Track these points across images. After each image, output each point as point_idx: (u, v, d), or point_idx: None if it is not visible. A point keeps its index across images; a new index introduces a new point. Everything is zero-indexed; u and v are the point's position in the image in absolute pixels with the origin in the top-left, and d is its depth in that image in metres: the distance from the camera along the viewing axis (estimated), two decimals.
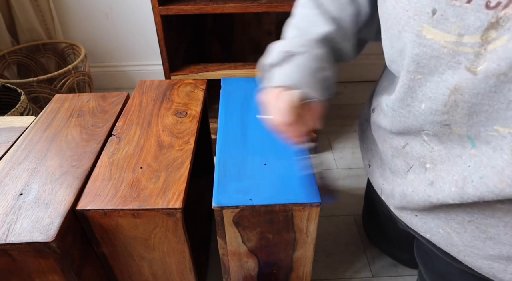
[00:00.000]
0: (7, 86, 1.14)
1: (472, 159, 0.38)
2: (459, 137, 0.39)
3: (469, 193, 0.38)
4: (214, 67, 1.11)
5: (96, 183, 0.59)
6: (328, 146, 1.28)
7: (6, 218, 0.53)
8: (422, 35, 0.37)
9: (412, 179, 0.47)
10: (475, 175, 0.37)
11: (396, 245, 0.86)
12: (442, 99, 0.38)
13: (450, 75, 0.36)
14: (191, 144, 0.67)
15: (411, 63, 0.40)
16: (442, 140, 0.41)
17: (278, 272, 0.68)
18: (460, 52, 0.35)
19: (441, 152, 0.42)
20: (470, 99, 0.35)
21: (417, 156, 0.45)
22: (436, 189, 0.42)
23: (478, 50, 0.34)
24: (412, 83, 0.41)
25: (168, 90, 0.82)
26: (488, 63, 0.33)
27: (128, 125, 0.72)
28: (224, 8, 0.96)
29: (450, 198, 0.40)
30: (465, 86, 0.35)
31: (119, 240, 0.60)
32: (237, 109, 0.76)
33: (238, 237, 0.61)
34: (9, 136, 0.71)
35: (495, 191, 0.35)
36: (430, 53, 0.37)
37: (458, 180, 0.39)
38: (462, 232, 0.43)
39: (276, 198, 0.56)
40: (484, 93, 0.34)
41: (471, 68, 0.34)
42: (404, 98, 0.43)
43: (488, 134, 0.36)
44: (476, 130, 0.37)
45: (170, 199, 0.56)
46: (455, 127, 0.39)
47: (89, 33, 1.50)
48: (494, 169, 0.35)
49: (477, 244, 0.42)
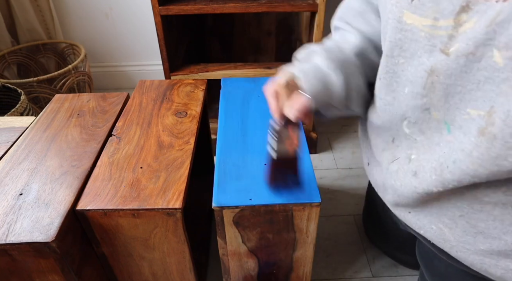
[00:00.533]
0: (7, 86, 1.14)
1: (447, 145, 0.39)
2: (437, 123, 0.40)
3: (448, 178, 0.39)
4: (214, 67, 1.11)
5: (96, 183, 0.59)
6: (328, 146, 1.28)
7: (6, 218, 0.53)
8: (403, 21, 0.39)
9: (395, 170, 0.48)
10: (449, 160, 0.38)
11: (396, 246, 0.86)
12: (421, 82, 0.39)
13: (427, 58, 0.38)
14: (191, 144, 0.67)
15: (394, 48, 0.42)
16: (422, 129, 0.43)
17: (278, 272, 0.68)
18: (436, 35, 0.37)
19: (423, 142, 0.43)
20: (444, 80, 0.37)
21: (405, 148, 0.46)
22: (420, 179, 0.43)
23: (451, 32, 0.35)
24: (396, 68, 0.43)
25: (168, 90, 0.82)
26: (459, 44, 0.35)
27: (128, 125, 0.72)
28: (224, 8, 0.96)
29: (433, 186, 0.41)
30: (440, 68, 0.37)
31: (119, 240, 0.60)
32: (237, 109, 0.76)
33: (238, 237, 0.61)
34: (9, 136, 0.71)
35: (470, 173, 0.36)
36: (410, 37, 0.39)
37: (436, 168, 0.40)
38: (453, 228, 0.44)
39: (276, 198, 0.56)
40: (456, 73, 0.36)
41: (444, 50, 0.36)
42: (389, 83, 0.45)
43: (462, 117, 0.37)
44: (451, 113, 0.38)
45: (170, 199, 0.56)
46: (434, 111, 0.40)
47: (89, 33, 1.50)
48: (464, 152, 0.36)
49: (468, 239, 0.43)
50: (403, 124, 0.45)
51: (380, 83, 0.47)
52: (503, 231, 0.40)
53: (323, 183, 1.13)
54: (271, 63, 1.12)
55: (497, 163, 0.34)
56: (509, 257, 0.41)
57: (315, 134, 1.22)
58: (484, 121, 0.35)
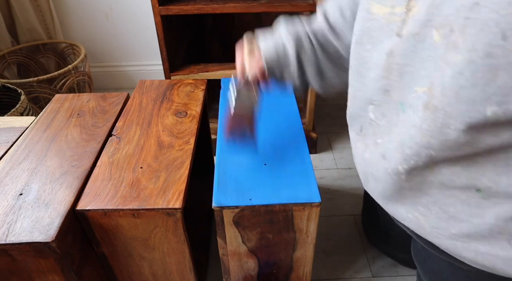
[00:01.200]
0: (7, 86, 1.14)
1: (403, 124, 0.43)
2: (395, 104, 0.44)
3: (408, 154, 0.42)
4: (214, 67, 1.11)
5: (96, 183, 0.59)
6: (328, 146, 1.28)
7: (6, 218, 0.53)
8: (371, 11, 0.45)
9: (369, 158, 0.51)
10: (406, 137, 0.42)
11: (396, 245, 0.86)
12: (382, 64, 0.43)
13: (387, 42, 0.42)
14: (191, 144, 0.67)
15: (364, 35, 0.46)
16: (384, 112, 0.46)
17: (278, 272, 0.68)
18: (392, 21, 0.42)
19: (385, 126, 0.47)
20: (399, 60, 0.41)
21: (372, 135, 0.50)
22: (388, 161, 0.46)
23: (404, 17, 0.40)
24: (364, 53, 0.47)
25: (168, 90, 0.82)
26: (408, 26, 0.39)
27: (128, 125, 0.72)
28: (224, 8, 0.96)
29: (398, 164, 0.44)
30: (395, 49, 0.41)
31: (119, 240, 0.60)
32: None
33: (238, 237, 0.61)
34: (9, 136, 0.71)
35: (424, 145, 0.40)
36: (376, 25, 0.44)
37: (398, 146, 0.43)
38: (427, 214, 0.46)
39: (276, 198, 0.56)
40: (407, 53, 0.40)
41: (399, 33, 0.41)
42: (358, 70, 0.49)
43: (411, 96, 0.41)
44: (405, 93, 0.42)
45: (170, 199, 0.56)
46: (392, 93, 0.44)
47: (89, 33, 1.50)
48: (416, 127, 0.40)
49: (441, 224, 0.46)
50: (369, 109, 0.49)
51: (351, 71, 0.51)
52: (470, 214, 0.42)
53: (323, 183, 1.13)
54: None
55: (443, 132, 0.37)
56: (477, 239, 0.43)
57: (315, 134, 1.22)
58: (426, 96, 0.38)
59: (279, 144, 0.67)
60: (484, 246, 0.43)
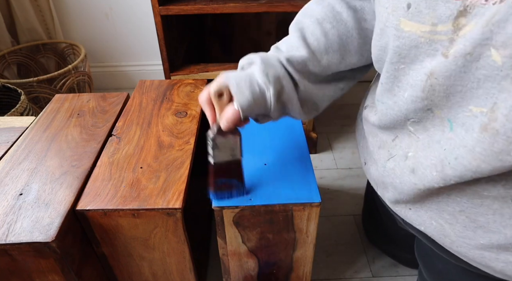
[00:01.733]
0: (7, 86, 1.14)
1: (448, 142, 0.40)
2: (440, 120, 0.41)
3: (449, 174, 0.40)
4: (214, 67, 1.11)
5: (96, 183, 0.59)
6: (328, 146, 1.28)
7: (6, 218, 0.53)
8: (400, 29, 0.41)
9: (392, 168, 0.49)
10: (451, 157, 0.39)
11: (396, 245, 0.86)
12: (420, 85, 0.40)
13: (429, 62, 0.39)
14: (191, 144, 0.67)
15: (393, 55, 0.43)
16: (426, 126, 0.43)
17: (278, 272, 0.68)
18: (436, 40, 0.38)
19: (424, 140, 0.44)
20: (444, 82, 0.38)
21: (404, 146, 0.47)
22: (419, 176, 0.44)
23: (451, 36, 0.37)
24: (397, 73, 0.44)
25: (168, 90, 0.82)
26: (457, 46, 0.36)
27: (128, 125, 0.72)
28: (224, 8, 0.96)
29: (434, 183, 0.42)
30: (438, 70, 0.38)
31: (119, 240, 0.60)
32: None
33: (238, 237, 0.61)
34: (9, 136, 0.71)
35: (472, 169, 0.37)
36: (409, 44, 0.41)
37: (437, 164, 0.41)
38: (454, 223, 0.44)
39: (276, 198, 0.56)
40: (455, 74, 0.37)
41: (445, 53, 0.37)
42: (391, 88, 0.46)
43: (464, 114, 0.38)
44: (454, 111, 0.39)
45: (170, 199, 0.56)
46: (436, 110, 0.41)
47: (89, 33, 1.50)
48: (466, 148, 0.37)
49: (468, 234, 0.43)
50: (407, 123, 0.46)
51: (381, 87, 0.48)
52: (503, 224, 0.40)
53: (323, 183, 1.13)
54: None
55: (500, 158, 0.35)
56: (509, 250, 0.42)
57: (315, 134, 1.22)
58: (486, 117, 0.35)
59: (279, 144, 0.67)
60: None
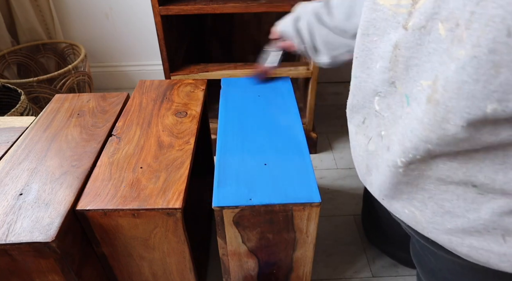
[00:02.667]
0: (7, 86, 1.14)
1: (407, 117, 0.42)
2: (400, 96, 0.44)
3: (408, 147, 0.42)
4: (214, 67, 1.11)
5: (96, 183, 0.59)
6: (328, 146, 1.28)
7: (6, 218, 0.53)
8: (377, 2, 0.44)
9: (374, 150, 0.51)
10: (408, 130, 0.42)
11: (396, 245, 0.86)
12: (388, 56, 0.43)
13: (393, 34, 0.42)
14: (191, 144, 0.67)
15: (370, 26, 0.46)
16: (389, 104, 0.46)
17: (278, 272, 0.68)
18: (399, 13, 0.41)
19: (390, 117, 0.46)
20: (405, 53, 0.41)
21: (375, 126, 0.50)
22: (391, 153, 0.46)
23: (410, 9, 0.40)
24: (370, 45, 0.47)
25: (168, 90, 0.82)
26: (414, 19, 0.39)
27: (128, 125, 0.72)
28: (224, 8, 0.96)
29: (398, 158, 0.44)
30: (401, 41, 0.41)
31: (119, 240, 0.60)
32: (237, 109, 0.76)
33: (238, 237, 0.61)
34: (9, 136, 0.71)
35: (423, 139, 0.40)
36: (381, 16, 0.44)
37: (400, 139, 0.44)
38: (423, 210, 0.47)
39: (276, 198, 0.56)
40: (413, 46, 0.40)
41: (405, 26, 0.40)
42: (364, 61, 0.49)
43: (417, 89, 0.41)
44: (410, 85, 0.42)
45: (170, 199, 0.56)
46: (398, 85, 0.44)
47: (89, 33, 1.50)
48: (417, 120, 0.40)
49: (437, 219, 0.46)
50: (375, 100, 0.49)
51: (356, 61, 0.51)
52: (466, 208, 0.43)
53: (323, 183, 1.13)
54: None
55: (443, 126, 0.37)
56: (472, 234, 0.43)
57: (315, 134, 1.22)
58: (431, 89, 0.38)
59: (279, 144, 0.67)
60: (479, 242, 0.43)
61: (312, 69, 1.07)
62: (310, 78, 1.10)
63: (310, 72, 1.08)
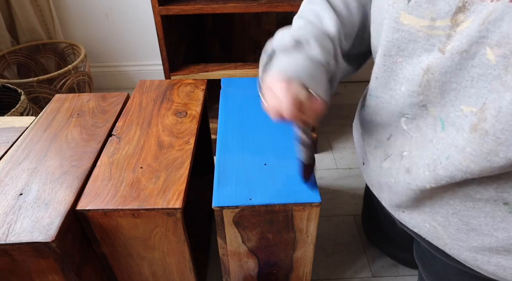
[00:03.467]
0: (7, 86, 1.14)
1: (440, 142, 0.40)
2: (433, 119, 0.41)
3: (441, 174, 0.40)
4: (214, 67, 1.11)
5: (96, 183, 0.59)
6: (328, 146, 1.28)
7: (6, 218, 0.53)
8: (400, 21, 0.40)
9: (388, 168, 0.49)
10: (443, 157, 0.39)
11: (396, 245, 0.86)
12: (417, 80, 0.40)
13: (426, 57, 0.39)
14: (191, 144, 0.67)
15: (392, 47, 0.42)
16: (419, 125, 0.43)
17: (278, 272, 0.68)
18: (434, 35, 0.38)
19: (418, 139, 0.44)
20: (440, 78, 0.38)
21: (399, 146, 0.47)
22: (413, 176, 0.44)
23: (449, 32, 0.37)
24: (394, 66, 0.44)
25: (168, 90, 0.82)
26: (454, 42, 0.36)
27: (128, 125, 0.72)
28: (224, 8, 0.96)
29: (426, 183, 0.42)
30: (435, 65, 0.38)
31: (119, 240, 0.60)
32: (237, 109, 0.76)
33: (238, 237, 0.61)
34: (9, 136, 0.71)
35: (462, 169, 0.37)
36: (408, 37, 0.40)
37: (430, 164, 0.41)
38: (446, 225, 0.45)
39: (276, 198, 0.56)
40: (451, 70, 0.37)
41: (442, 49, 0.37)
42: (387, 82, 0.46)
43: (455, 114, 0.38)
44: (446, 110, 0.39)
45: (170, 199, 0.56)
46: (431, 107, 0.41)
47: (89, 33, 1.50)
48: (457, 148, 0.37)
49: (461, 236, 0.44)
50: (401, 120, 0.46)
51: (376, 82, 0.48)
52: (494, 227, 0.41)
53: (323, 183, 1.13)
54: None
55: (489, 158, 0.35)
56: (500, 253, 0.42)
57: (315, 134, 1.22)
58: (476, 117, 0.35)
59: (279, 144, 0.67)
60: (507, 261, 0.42)
61: None
62: None
63: None
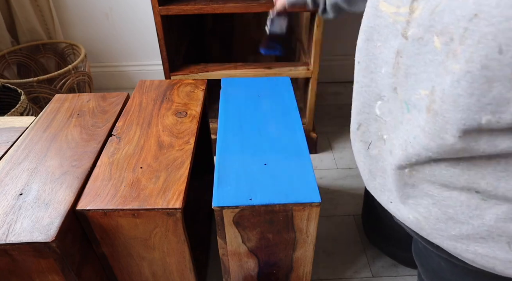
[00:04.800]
0: (7, 86, 1.14)
1: (408, 123, 0.43)
2: (400, 103, 0.45)
3: (410, 152, 0.43)
4: (214, 67, 1.11)
5: (96, 183, 0.59)
6: (328, 146, 1.28)
7: (6, 218, 0.53)
8: (379, 8, 0.45)
9: (377, 153, 0.51)
10: (411, 136, 0.43)
11: (396, 245, 0.86)
12: (391, 62, 0.44)
13: (394, 41, 0.43)
14: (191, 144, 0.67)
15: (373, 32, 0.47)
16: (391, 109, 0.47)
17: (278, 272, 0.68)
18: (398, 21, 0.42)
19: (391, 122, 0.47)
20: (406, 61, 0.42)
21: (375, 131, 0.51)
22: (393, 156, 0.47)
23: (408, 18, 0.41)
24: (374, 50, 0.47)
25: (168, 90, 0.82)
26: (413, 29, 0.40)
27: (128, 125, 0.72)
28: (224, 8, 0.96)
29: (401, 161, 0.45)
30: (402, 49, 0.42)
31: (119, 240, 0.60)
32: (237, 109, 0.76)
33: (238, 237, 0.61)
34: (9, 136, 0.71)
35: (424, 146, 0.41)
36: (383, 23, 0.45)
37: (402, 144, 0.44)
38: (427, 216, 0.47)
39: (276, 198, 0.56)
40: (412, 55, 0.40)
41: (404, 34, 0.41)
42: (368, 66, 0.49)
43: (415, 97, 0.42)
44: (409, 93, 0.43)
45: (170, 199, 0.56)
46: (399, 91, 0.44)
47: (89, 33, 1.50)
48: (419, 127, 0.41)
49: (440, 226, 0.46)
50: (376, 105, 0.49)
51: (358, 66, 0.51)
52: (470, 215, 0.43)
53: (323, 183, 1.13)
54: (271, 63, 1.12)
55: (441, 136, 0.38)
56: (477, 240, 0.44)
57: (315, 134, 1.22)
58: (429, 99, 0.39)
59: (279, 144, 0.67)
60: (484, 248, 0.43)
61: (312, 69, 1.07)
62: (310, 78, 1.10)
63: (310, 72, 1.08)
